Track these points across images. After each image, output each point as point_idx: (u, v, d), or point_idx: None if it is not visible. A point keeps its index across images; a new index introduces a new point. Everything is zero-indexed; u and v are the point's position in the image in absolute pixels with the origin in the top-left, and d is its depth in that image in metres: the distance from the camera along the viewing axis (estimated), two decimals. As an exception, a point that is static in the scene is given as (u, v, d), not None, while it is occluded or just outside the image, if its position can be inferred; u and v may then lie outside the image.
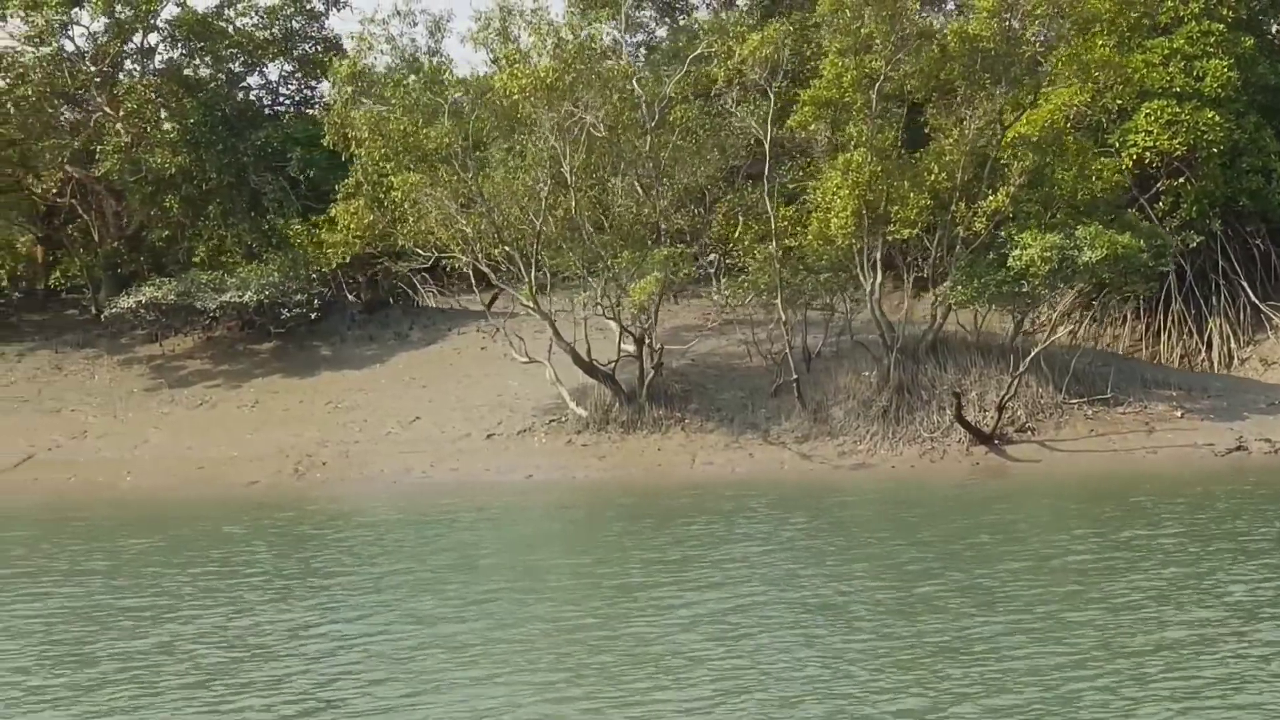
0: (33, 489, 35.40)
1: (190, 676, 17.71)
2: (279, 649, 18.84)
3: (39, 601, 22.48)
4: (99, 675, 17.93)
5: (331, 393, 39.31)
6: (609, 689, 16.36)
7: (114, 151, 39.40)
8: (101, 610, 21.66)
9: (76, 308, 45.75)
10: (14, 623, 20.96)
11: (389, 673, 17.51)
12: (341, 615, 20.60)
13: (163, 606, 21.81)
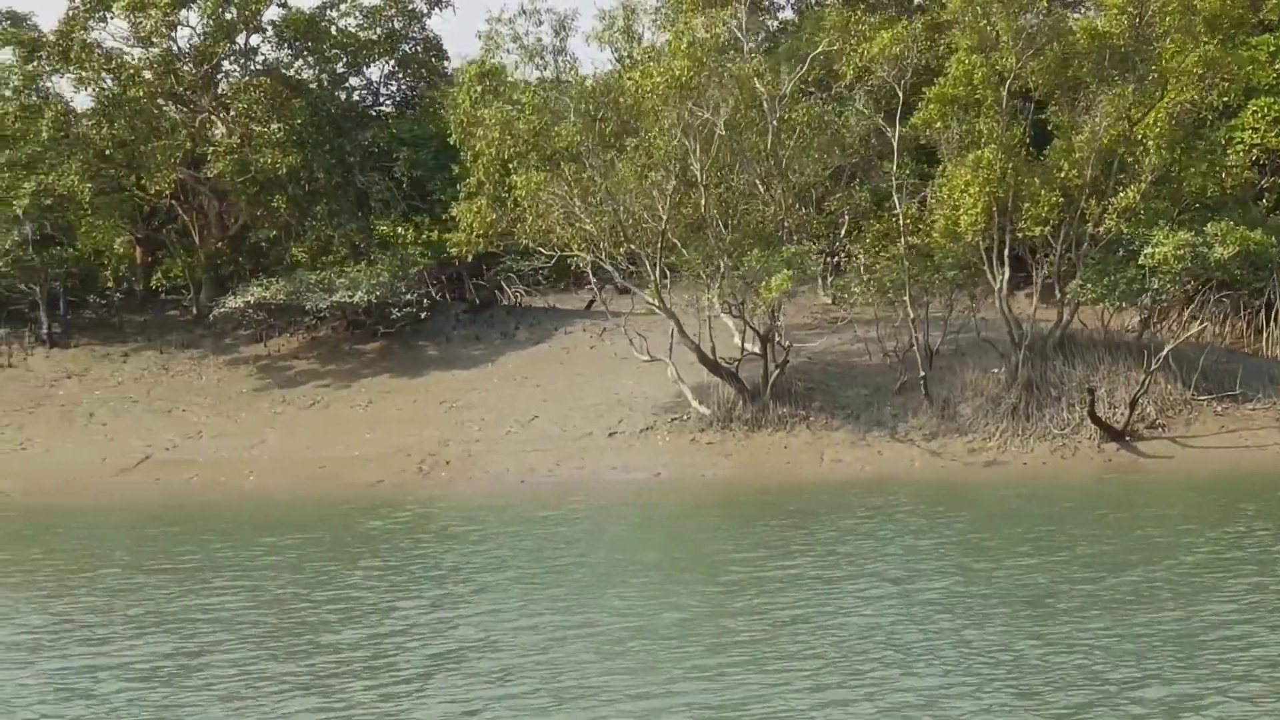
0: (155, 489, 35.80)
1: (421, 667, 18.10)
2: (499, 641, 19.20)
3: (229, 595, 22.89)
4: (336, 662, 18.32)
5: (444, 392, 39.63)
6: (855, 679, 16.70)
7: (226, 152, 39.77)
8: (298, 602, 22.06)
9: (177, 308, 46.16)
10: (222, 614, 21.37)
11: (621, 662, 17.87)
12: (538, 608, 20.98)
13: (355, 600, 22.21)
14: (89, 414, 40.56)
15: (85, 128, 40.02)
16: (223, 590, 23.39)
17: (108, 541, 29.57)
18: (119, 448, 38.38)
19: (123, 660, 19.07)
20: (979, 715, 15.22)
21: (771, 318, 34.73)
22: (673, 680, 16.92)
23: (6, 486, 36.24)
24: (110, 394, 41.61)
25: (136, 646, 19.72)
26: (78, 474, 36.89)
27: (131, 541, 29.32)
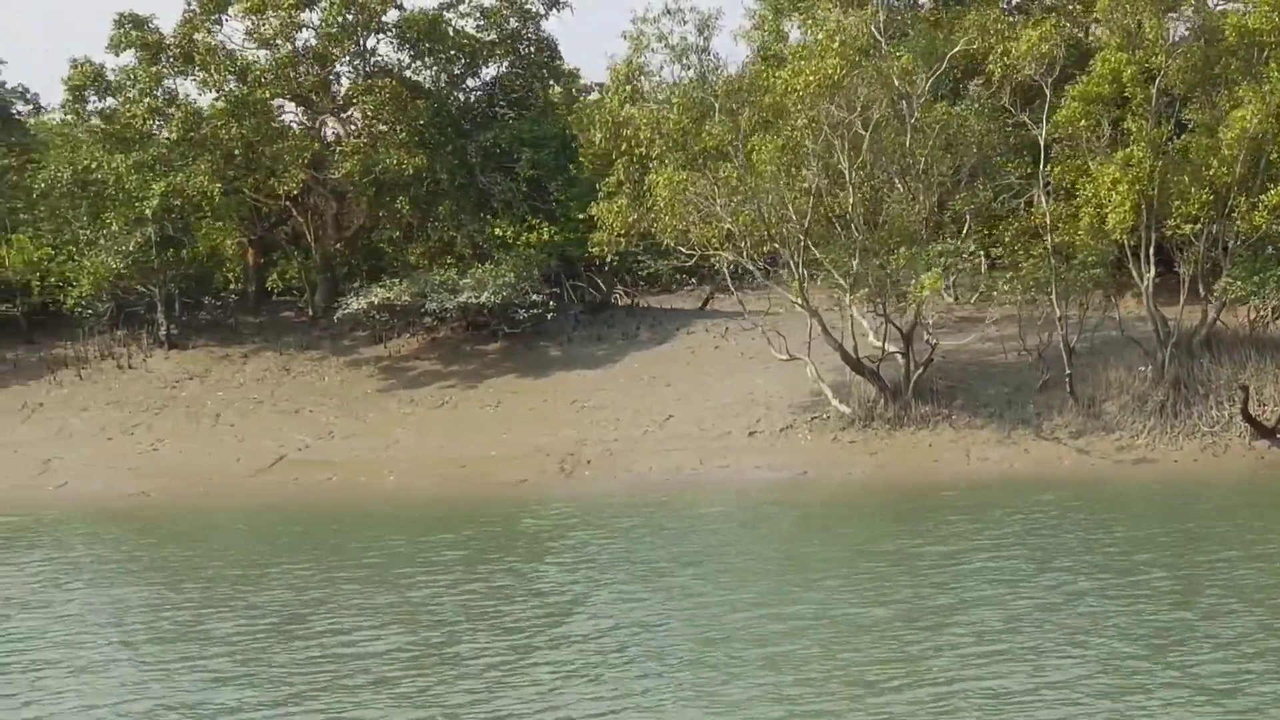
0: (294, 489, 36.21)
1: (690, 654, 18.52)
2: (753, 630, 19.64)
3: (434, 588, 23.36)
4: (596, 651, 18.73)
5: (572, 392, 40.05)
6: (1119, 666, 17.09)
7: (352, 153, 40.24)
8: (516, 594, 22.49)
9: (291, 310, 46.68)
10: (445, 606, 21.80)
11: (880, 650, 18.29)
12: (758, 599, 21.44)
13: (568, 592, 22.65)
14: (215, 415, 41.06)
15: (214, 128, 40.45)
16: (425, 584, 23.85)
17: (276, 540, 29.94)
18: (250, 449, 38.85)
19: (379, 649, 19.53)
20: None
21: (915, 316, 35.04)
22: (952, 668, 17.32)
23: (146, 487, 36.72)
24: (234, 395, 42.12)
25: (384, 637, 20.14)
26: (213, 475, 37.35)
27: (299, 540, 29.70)
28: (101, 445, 39.91)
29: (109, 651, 20.45)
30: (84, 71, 42.67)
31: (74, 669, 19.54)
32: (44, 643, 21.08)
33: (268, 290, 46.70)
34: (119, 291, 44.58)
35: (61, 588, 25.14)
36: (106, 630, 21.85)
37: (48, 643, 21.06)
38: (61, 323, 46.77)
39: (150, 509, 34.80)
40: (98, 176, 41.96)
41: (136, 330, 45.28)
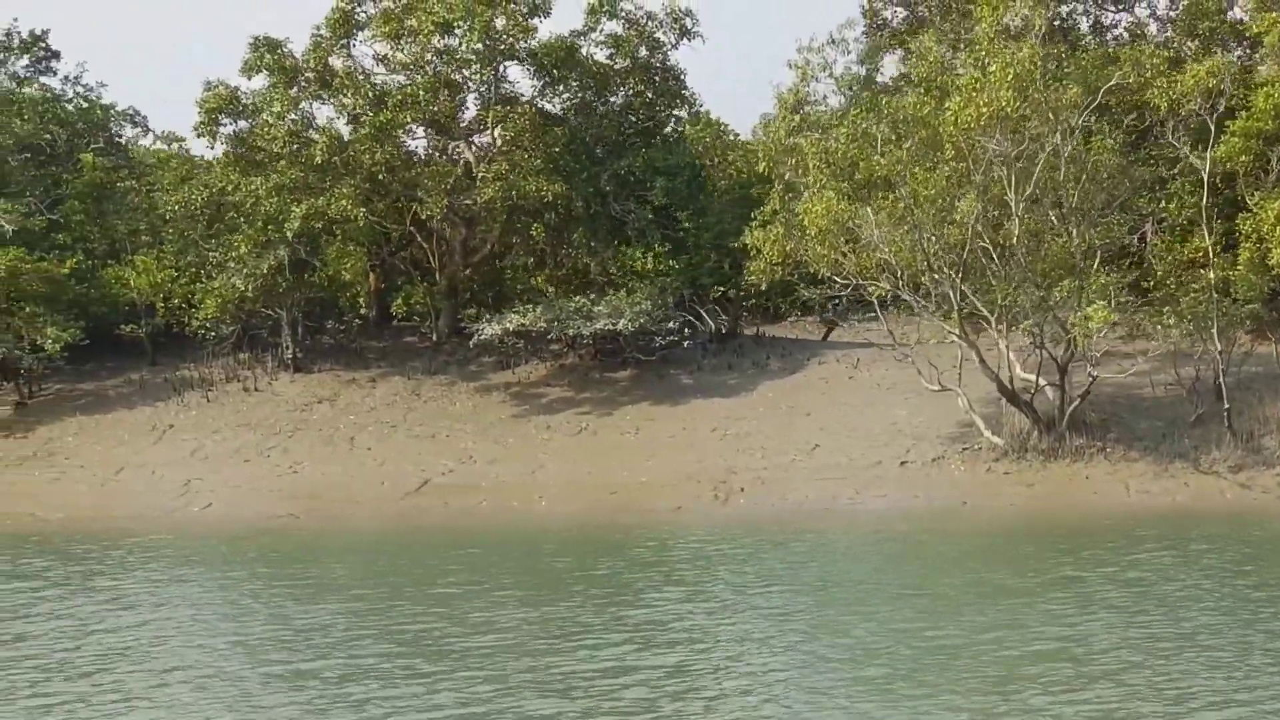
0: (445, 512, 36.71)
1: (926, 660, 19.04)
2: (962, 650, 20.18)
3: (656, 609, 23.83)
4: (899, 669, 19.23)
5: (712, 420, 40.56)
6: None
7: (493, 179, 40.84)
8: (800, 616, 23.00)
9: (413, 334, 47.24)
10: (678, 623, 22.28)
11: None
12: (970, 621, 21.92)
13: (825, 611, 23.14)
14: (350, 439, 41.60)
15: (357, 152, 41.06)
16: (647, 603, 24.40)
17: (458, 563, 30.29)
18: (392, 472, 39.37)
19: (647, 664, 20.11)
20: None
21: (1073, 348, 35.56)
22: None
23: (294, 509, 37.24)
24: (366, 419, 42.64)
25: (648, 655, 20.68)
26: (360, 498, 37.88)
27: (477, 563, 30.11)
28: (239, 467, 40.44)
29: (344, 664, 20.91)
30: (219, 95, 43.31)
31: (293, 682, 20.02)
32: (251, 658, 21.58)
33: (388, 315, 47.23)
34: (243, 314, 45.14)
35: (263, 603, 25.63)
36: (348, 646, 22.29)
37: (253, 658, 21.57)
38: (183, 344, 47.45)
39: (302, 531, 35.32)
40: (232, 199, 42.53)
41: (260, 353, 45.85)
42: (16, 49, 56.51)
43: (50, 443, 42.92)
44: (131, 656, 22.11)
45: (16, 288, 43.43)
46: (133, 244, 48.09)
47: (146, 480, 40.16)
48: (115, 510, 38.13)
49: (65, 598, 27.15)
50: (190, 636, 23.38)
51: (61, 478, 40.84)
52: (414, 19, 42.16)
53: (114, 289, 46.06)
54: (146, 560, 32.38)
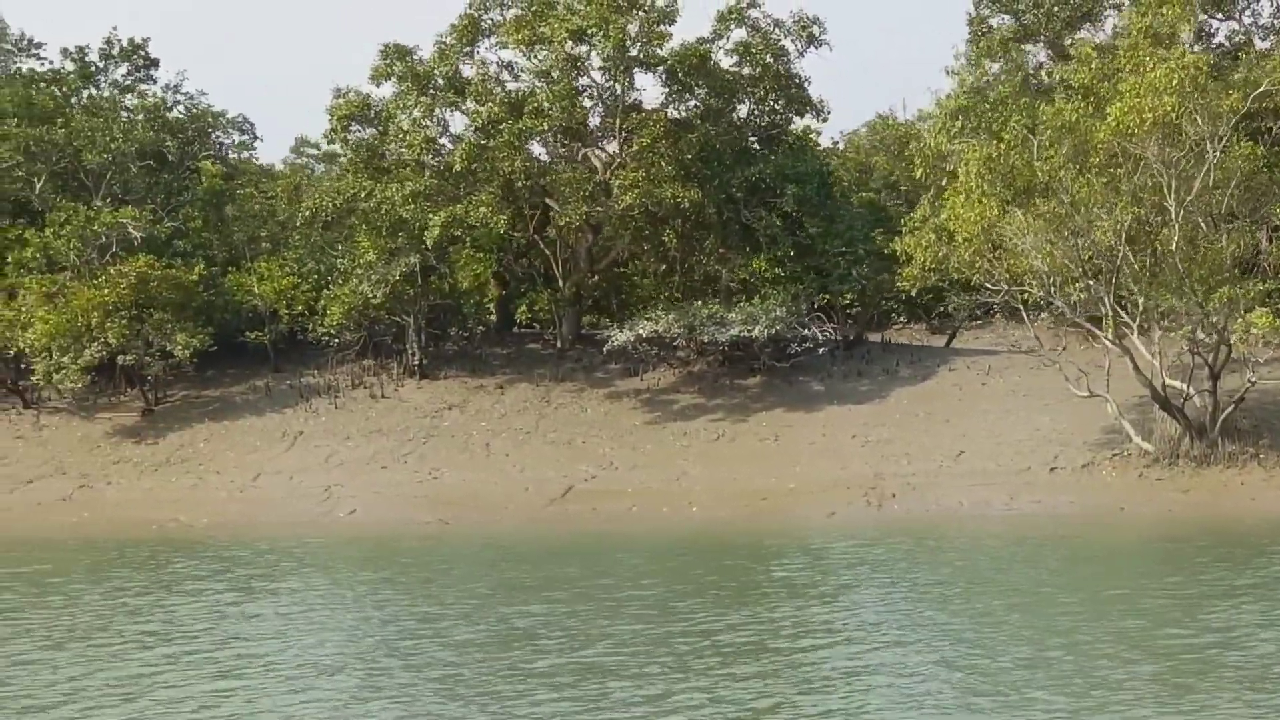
0: (595, 518, 37.23)
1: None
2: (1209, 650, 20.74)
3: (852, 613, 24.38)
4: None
5: (850, 426, 41.11)
6: None
7: (631, 186, 41.39)
8: (1003, 616, 23.53)
9: (534, 341, 47.81)
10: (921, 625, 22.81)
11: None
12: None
13: (1016, 615, 23.65)
14: (485, 445, 42.19)
15: (496, 159, 41.66)
16: (856, 604, 24.92)
17: (642, 566, 30.82)
18: (534, 478, 39.95)
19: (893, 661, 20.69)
20: None
21: (1228, 353, 36.03)
22: None
23: (441, 515, 37.82)
24: (498, 426, 43.22)
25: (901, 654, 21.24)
26: (507, 503, 38.46)
27: (660, 566, 30.65)
28: (377, 473, 41.05)
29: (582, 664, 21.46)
30: (350, 102, 43.96)
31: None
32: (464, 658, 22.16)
33: (509, 322, 47.82)
34: (366, 321, 45.75)
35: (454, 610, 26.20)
36: (586, 652, 22.83)
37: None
38: (304, 351, 48.14)
39: (456, 536, 35.87)
40: (365, 206, 43.14)
41: (384, 360, 46.46)
42: (117, 56, 57.30)
43: (182, 449, 43.58)
44: (369, 656, 22.62)
45: (146, 294, 44.06)
46: (252, 251, 48.72)
47: (285, 486, 40.80)
48: (259, 516, 38.75)
49: (249, 601, 27.73)
50: (415, 636, 23.88)
51: (200, 484, 41.50)
52: (547, 26, 42.75)
53: (237, 296, 46.70)
54: (314, 564, 33.01)
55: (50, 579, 31.67)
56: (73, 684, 21.36)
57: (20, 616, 27.03)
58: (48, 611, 27.35)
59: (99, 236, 45.63)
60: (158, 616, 26.55)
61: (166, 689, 20.96)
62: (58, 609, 27.52)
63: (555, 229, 45.33)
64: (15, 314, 44.91)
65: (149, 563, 33.02)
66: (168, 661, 22.70)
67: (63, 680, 21.61)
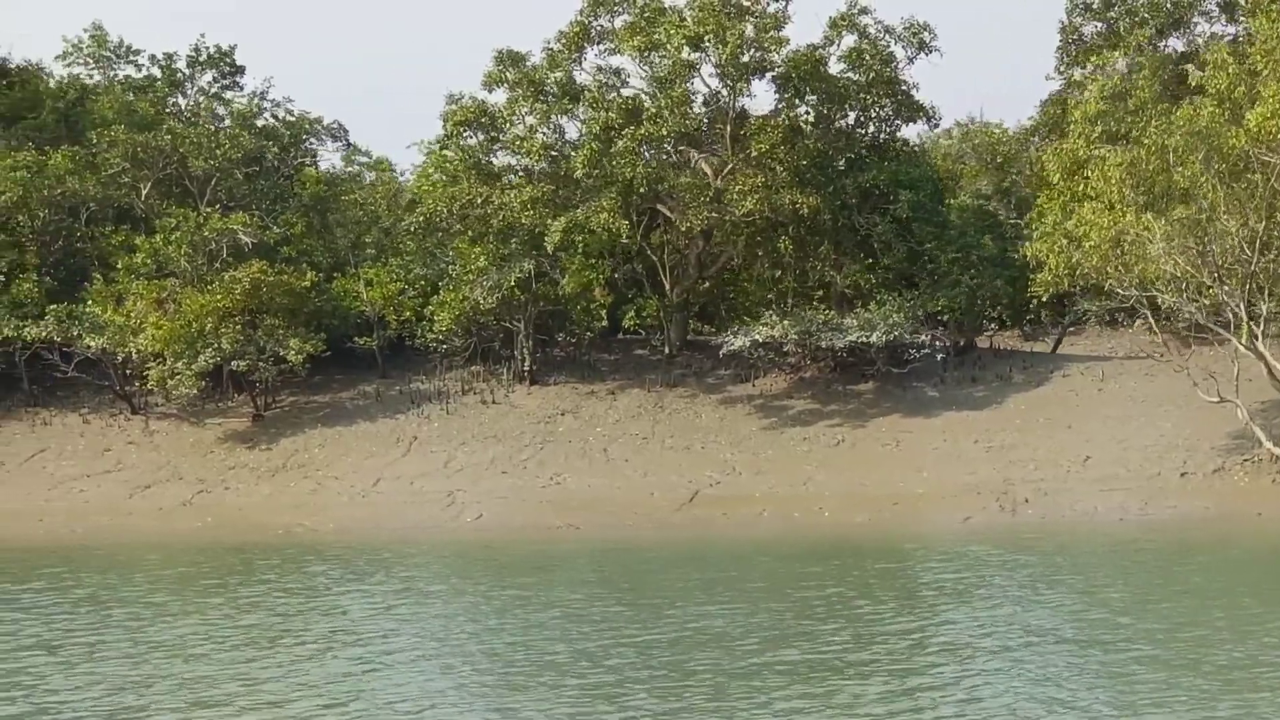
0: (727, 522, 37.79)
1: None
2: None
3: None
4: None
5: (972, 432, 41.54)
6: None
7: (750, 192, 41.87)
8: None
9: (644, 347, 48.31)
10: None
11: None
12: None
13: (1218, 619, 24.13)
14: (602, 450, 42.70)
15: (617, 164, 42.16)
16: (1039, 605, 25.39)
17: (803, 570, 31.24)
18: (657, 483, 40.45)
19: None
20: None
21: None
22: None
23: (569, 520, 38.33)
24: (613, 431, 43.72)
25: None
26: (634, 508, 38.98)
27: (826, 570, 31.05)
28: (498, 479, 41.57)
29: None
30: (466, 108, 44.52)
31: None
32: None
33: (615, 327, 48.30)
34: (475, 327, 46.26)
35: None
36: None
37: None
38: (409, 357, 48.66)
39: (592, 540, 36.43)
40: (480, 212, 43.65)
41: (493, 365, 46.97)
42: (204, 63, 57.99)
43: (297, 455, 44.12)
44: (566, 658, 23.06)
45: (259, 300, 44.59)
46: (355, 257, 49.27)
47: (406, 492, 41.32)
48: (384, 521, 39.30)
49: (415, 603, 28.45)
50: (597, 637, 24.32)
51: (319, 489, 42.05)
52: (661, 32, 43.27)
53: (345, 302, 47.23)
54: (458, 567, 33.67)
55: (201, 581, 32.31)
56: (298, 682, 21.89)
57: (192, 619, 27.49)
58: (218, 614, 27.89)
59: (209, 242, 46.16)
60: (331, 618, 27.09)
61: (387, 686, 21.42)
62: (230, 611, 28.03)
63: (663, 234, 45.80)
64: (125, 319, 45.43)
65: (287, 566, 33.73)
66: (371, 660, 23.15)
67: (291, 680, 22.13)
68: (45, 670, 23.09)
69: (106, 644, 25.05)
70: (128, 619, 27.50)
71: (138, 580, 33.00)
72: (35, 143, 50.45)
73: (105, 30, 55.87)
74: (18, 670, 23.14)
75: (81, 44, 56.10)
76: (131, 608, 28.70)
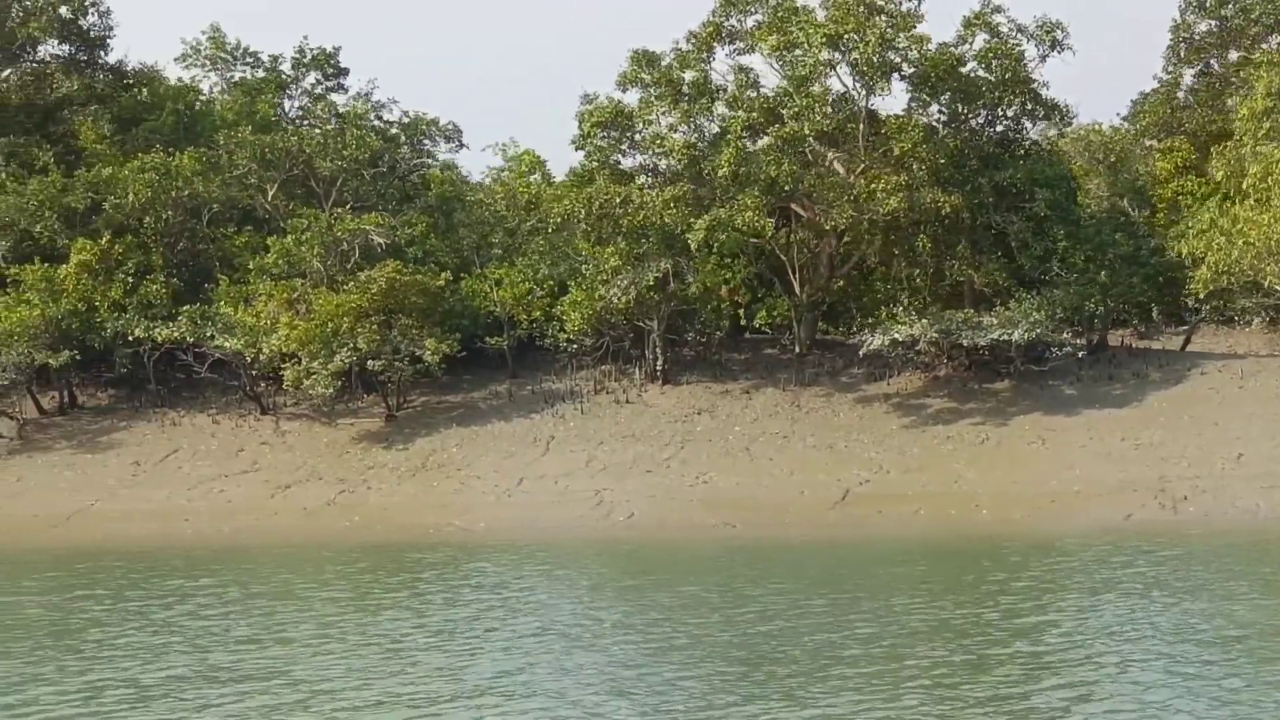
0: (883, 521, 38.17)
1: None
2: None
3: None
4: None
5: (1117, 430, 41.91)
6: None
7: (894, 191, 42.28)
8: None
9: (772, 346, 48.75)
10: None
11: None
12: None
13: None
14: (744, 449, 43.19)
15: (762, 163, 42.63)
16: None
17: (993, 565, 31.65)
18: (806, 482, 40.92)
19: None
20: None
21: None
22: None
23: (724, 519, 38.81)
24: (752, 430, 44.20)
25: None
26: (788, 507, 39.48)
27: (1015, 564, 31.48)
28: (642, 478, 42.03)
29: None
30: (602, 108, 45.02)
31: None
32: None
33: (741, 326, 48.75)
34: (605, 327, 46.74)
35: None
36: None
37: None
38: (537, 356, 49.15)
39: (751, 539, 36.92)
40: (619, 212, 44.09)
41: (623, 365, 47.43)
42: (308, 64, 58.59)
43: (435, 454, 44.62)
44: (826, 648, 23.49)
45: (394, 300, 45.09)
46: (481, 257, 49.79)
47: (552, 491, 41.78)
48: (534, 520, 39.78)
49: (608, 598, 28.99)
50: (823, 630, 24.76)
51: (463, 489, 42.54)
52: (800, 31, 43.72)
53: (475, 302, 47.73)
54: (634, 565, 34.07)
55: (381, 578, 32.80)
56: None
57: (393, 613, 27.88)
58: (419, 608, 28.34)
59: (340, 243, 46.69)
60: (535, 612, 27.52)
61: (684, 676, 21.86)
62: (447, 607, 28.48)
63: (792, 233, 46.23)
64: (256, 319, 45.97)
65: (460, 564, 34.17)
66: (633, 651, 23.60)
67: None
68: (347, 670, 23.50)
69: (369, 639, 25.42)
70: (339, 614, 28.01)
71: (320, 577, 33.58)
72: (154, 145, 50.96)
73: (223, 32, 56.48)
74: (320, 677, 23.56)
75: (200, 46, 56.69)
76: (333, 605, 29.21)
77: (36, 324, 47.08)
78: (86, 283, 47.87)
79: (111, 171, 49.00)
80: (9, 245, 49.80)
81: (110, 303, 47.65)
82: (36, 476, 45.73)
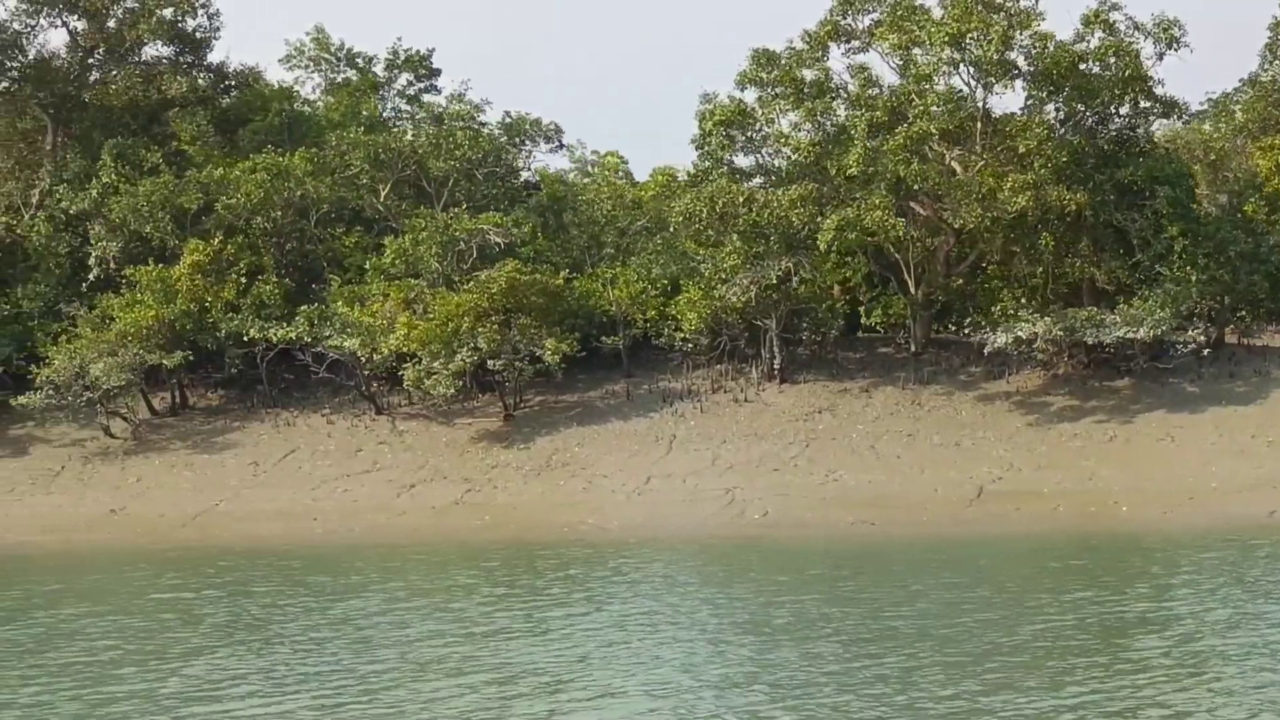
0: (1021, 518, 38.59)
1: None
2: None
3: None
4: None
5: (1247, 426, 42.44)
6: None
7: (1021, 190, 42.72)
8: None
9: (887, 345, 49.24)
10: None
11: None
12: None
13: None
14: (870, 447, 43.75)
15: (891, 162, 43.12)
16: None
17: (1139, 563, 32.13)
18: (938, 479, 41.41)
19: None
20: None
21: None
22: None
23: (862, 517, 39.28)
24: (875, 428, 44.75)
25: None
26: (923, 505, 39.94)
27: (1148, 564, 31.91)
28: (770, 476, 42.57)
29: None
30: (724, 108, 45.56)
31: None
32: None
33: (854, 325, 49.23)
34: (721, 326, 47.23)
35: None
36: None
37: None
38: (649, 356, 49.66)
39: (893, 537, 37.43)
40: (742, 211, 44.58)
41: (739, 364, 47.92)
42: (402, 65, 59.19)
43: (558, 453, 45.16)
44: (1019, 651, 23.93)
45: (514, 300, 45.62)
46: (593, 257, 50.32)
47: (681, 489, 42.29)
48: (667, 519, 40.30)
49: (789, 595, 29.17)
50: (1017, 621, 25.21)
51: (590, 488, 43.07)
52: (921, 30, 44.19)
53: (590, 301, 48.24)
54: (789, 562, 34.52)
55: (549, 575, 33.27)
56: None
57: (564, 610, 28.32)
58: (614, 605, 28.80)
59: (458, 243, 47.26)
60: (720, 607, 28.00)
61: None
62: (620, 602, 28.92)
63: (909, 232, 46.66)
64: (373, 319, 46.53)
65: (608, 561, 34.50)
66: (835, 645, 24.03)
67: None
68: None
69: (569, 630, 25.89)
70: (518, 608, 28.42)
71: (467, 576, 34.03)
72: (263, 146, 51.54)
73: (328, 34, 57.13)
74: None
75: (304, 47, 57.34)
76: (509, 600, 29.65)
77: (151, 325, 47.73)
78: (199, 283, 48.46)
79: (223, 172, 49.60)
80: (119, 246, 50.40)
81: (223, 303, 48.24)
82: (156, 477, 46.41)
